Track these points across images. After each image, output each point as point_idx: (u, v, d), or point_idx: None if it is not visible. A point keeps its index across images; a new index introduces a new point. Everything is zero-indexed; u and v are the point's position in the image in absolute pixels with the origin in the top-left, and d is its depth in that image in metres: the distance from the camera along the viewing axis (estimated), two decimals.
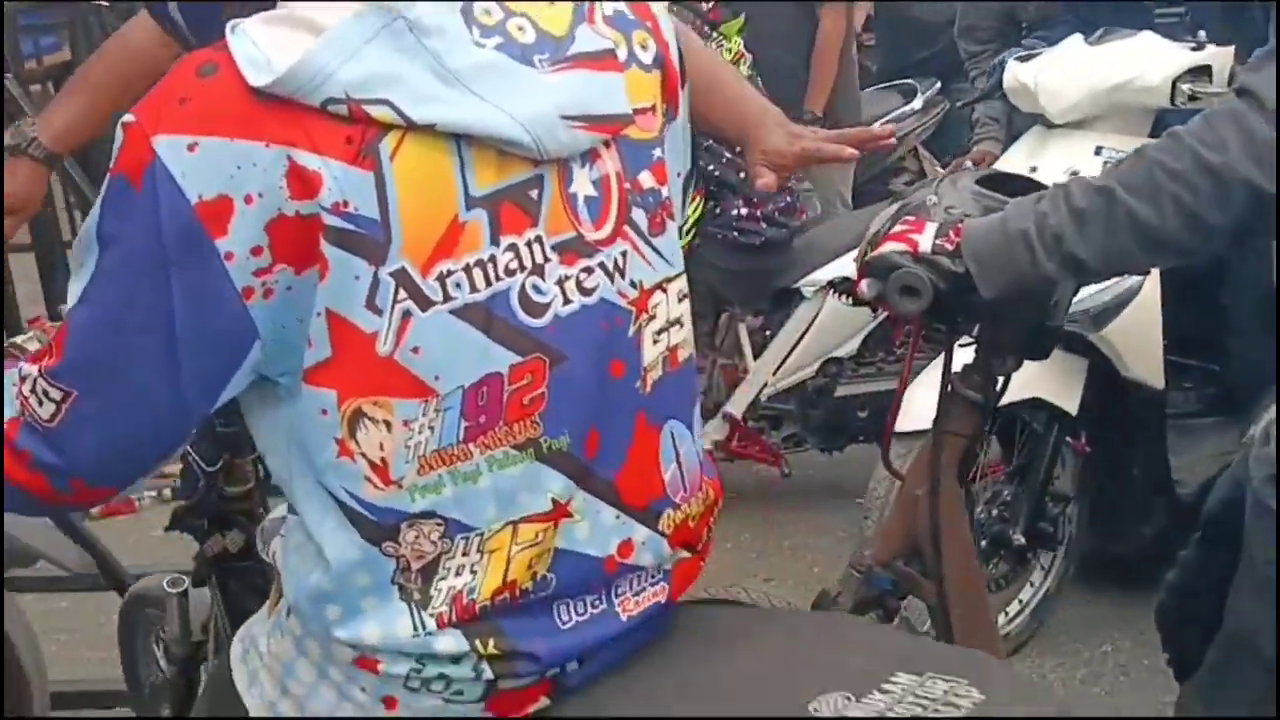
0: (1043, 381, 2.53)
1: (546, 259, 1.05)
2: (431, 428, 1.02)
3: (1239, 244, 1.57)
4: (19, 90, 2.85)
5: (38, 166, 1.78)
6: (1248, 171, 1.35)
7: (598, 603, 1.13)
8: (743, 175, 3.05)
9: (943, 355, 1.69)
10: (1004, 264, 1.45)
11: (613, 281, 1.09)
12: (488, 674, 1.08)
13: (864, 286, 1.55)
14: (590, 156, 1.06)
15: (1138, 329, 2.61)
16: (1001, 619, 2.68)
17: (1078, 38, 2.85)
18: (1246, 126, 1.37)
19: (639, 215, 1.11)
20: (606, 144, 1.08)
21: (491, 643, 1.07)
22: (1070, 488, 2.74)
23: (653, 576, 1.16)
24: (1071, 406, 2.58)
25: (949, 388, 1.66)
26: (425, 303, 1.00)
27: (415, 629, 1.06)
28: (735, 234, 3.11)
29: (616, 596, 1.14)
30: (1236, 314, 2.81)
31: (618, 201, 1.09)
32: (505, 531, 1.07)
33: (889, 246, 1.52)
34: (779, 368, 3.28)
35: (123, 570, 2.74)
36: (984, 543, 2.57)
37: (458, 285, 1.01)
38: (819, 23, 3.92)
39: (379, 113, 0.96)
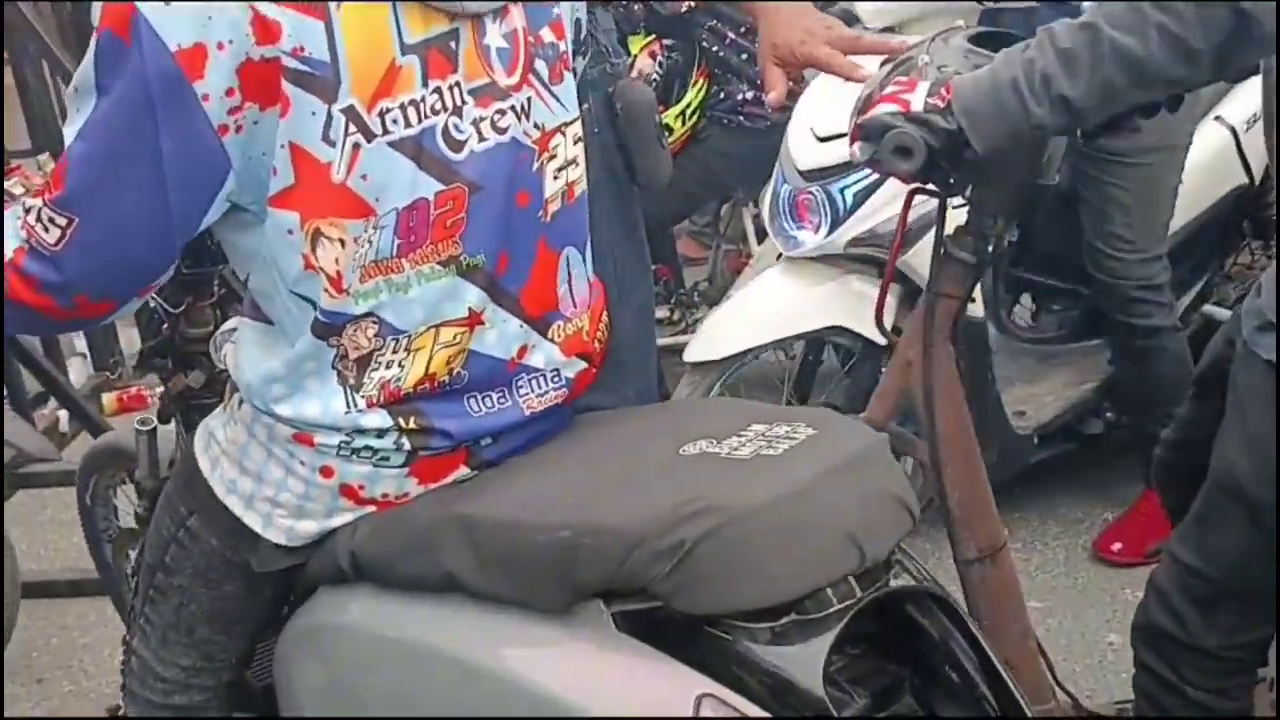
0: (848, 309, 2.49)
1: (464, 101, 1.24)
2: (371, 242, 1.22)
3: (1223, 68, 1.56)
4: None
5: None
6: None
7: (503, 400, 1.34)
8: (745, 57, 3.06)
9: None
10: (995, 114, 1.45)
11: (520, 122, 1.28)
12: (407, 446, 1.30)
13: (857, 150, 1.56)
14: (501, 13, 1.25)
15: None
16: None
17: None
18: None
19: (541, 66, 1.30)
20: (514, 1, 1.26)
21: (412, 420, 1.29)
22: None
23: (554, 381, 1.37)
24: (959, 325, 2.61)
25: (942, 250, 1.66)
26: (370, 135, 1.18)
27: (348, 407, 1.27)
28: (740, 118, 3.10)
29: (520, 395, 1.35)
30: (1092, 227, 2.66)
31: (524, 53, 1.28)
32: (429, 334, 1.28)
33: (881, 108, 1.52)
34: None
35: (102, 421, 2.93)
36: None
37: (394, 121, 1.19)
38: None
39: None
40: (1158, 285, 2.61)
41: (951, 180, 1.60)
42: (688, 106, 3.13)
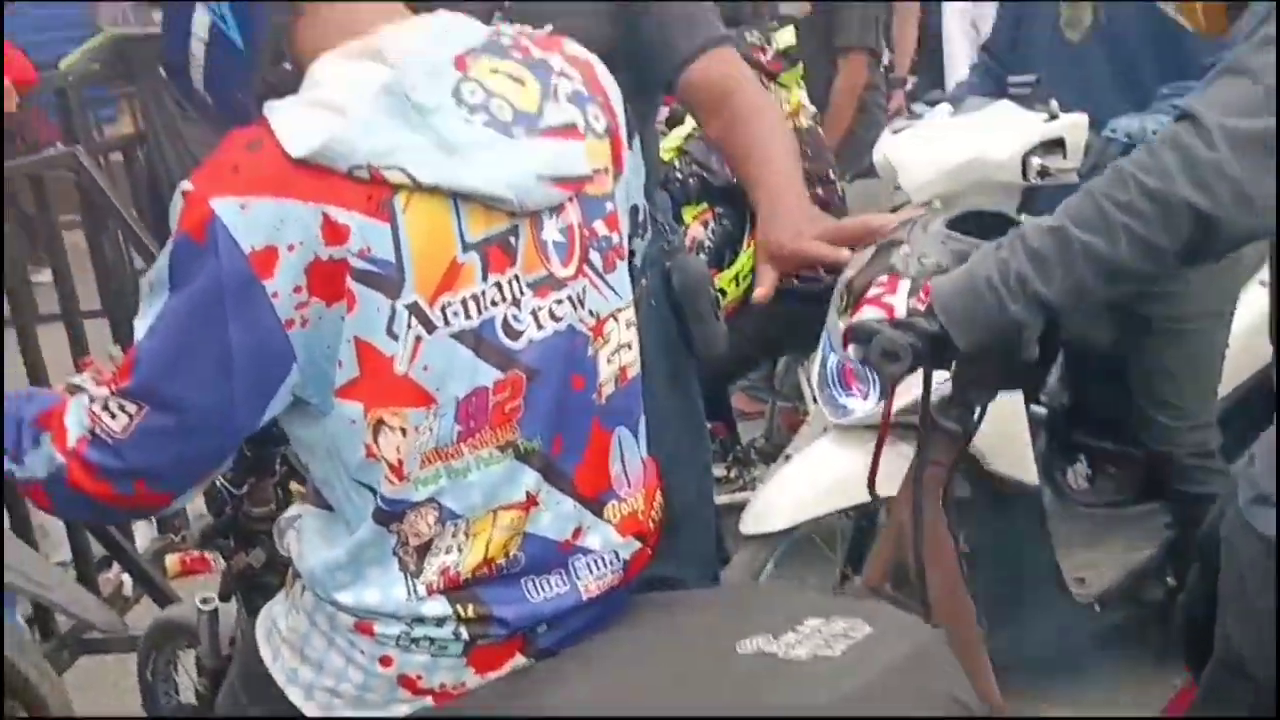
0: (899, 478, 2.56)
1: (523, 293, 1.29)
2: (431, 429, 1.26)
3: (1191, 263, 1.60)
4: (90, 161, 3.17)
5: None
6: (1190, 194, 1.38)
7: (560, 583, 1.36)
8: None
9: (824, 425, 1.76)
10: (974, 314, 1.51)
11: (575, 311, 1.33)
12: (465, 635, 1.31)
13: (850, 351, 1.63)
14: (558, 209, 1.31)
15: (997, 420, 2.35)
16: None
17: (944, 108, 2.75)
18: (1185, 149, 1.39)
19: (595, 257, 1.36)
20: (571, 198, 1.32)
21: (470, 608, 1.31)
22: None
23: (610, 564, 1.39)
24: (949, 492, 2.45)
25: (929, 419, 1.72)
26: (431, 328, 1.24)
27: (409, 594, 1.30)
28: (794, 279, 3.16)
29: (577, 577, 1.36)
30: (1142, 394, 2.68)
31: (579, 245, 1.34)
32: (487, 518, 1.31)
33: (866, 312, 1.60)
34: None
35: (165, 586, 2.97)
36: None
37: (455, 314, 1.25)
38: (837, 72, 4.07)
39: (393, 176, 1.21)
40: (1209, 452, 2.59)
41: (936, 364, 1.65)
42: (740, 270, 3.19)
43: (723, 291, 3.15)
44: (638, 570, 1.43)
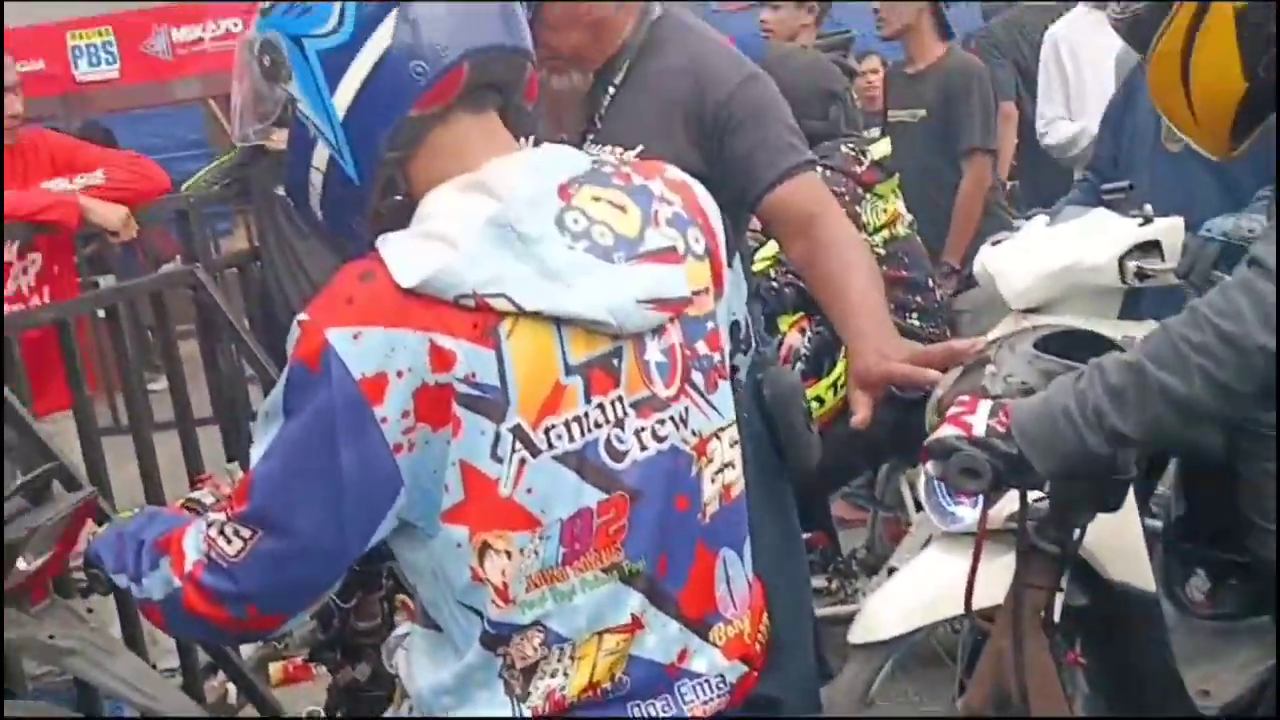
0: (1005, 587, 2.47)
1: (626, 414, 1.30)
2: (537, 552, 1.27)
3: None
4: (207, 278, 3.31)
5: None
6: (1263, 339, 1.41)
7: (666, 708, 1.34)
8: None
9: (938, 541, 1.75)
10: (1052, 443, 1.52)
11: (679, 431, 1.34)
12: None
13: (930, 467, 1.64)
14: (659, 331, 1.33)
15: (1113, 529, 2.30)
16: None
17: (1041, 219, 2.80)
18: (1257, 294, 1.43)
19: (698, 376, 1.36)
20: (672, 320, 1.34)
21: None
22: (1079, 706, 2.52)
23: (717, 688, 1.37)
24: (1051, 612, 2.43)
25: (1026, 542, 1.71)
26: (535, 451, 1.25)
27: (514, 718, 1.29)
28: (892, 388, 3.16)
29: (684, 702, 1.35)
30: (1250, 504, 2.61)
31: (681, 366, 1.35)
32: (592, 641, 1.30)
33: (946, 430, 1.60)
34: None
35: (269, 694, 3.00)
36: None
37: (559, 436, 1.26)
38: (962, 174, 4.08)
39: (498, 304, 1.24)
40: None
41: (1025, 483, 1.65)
42: (838, 378, 3.18)
43: (820, 400, 3.14)
44: (744, 694, 1.41)
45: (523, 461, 1.25)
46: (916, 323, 3.27)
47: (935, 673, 2.69)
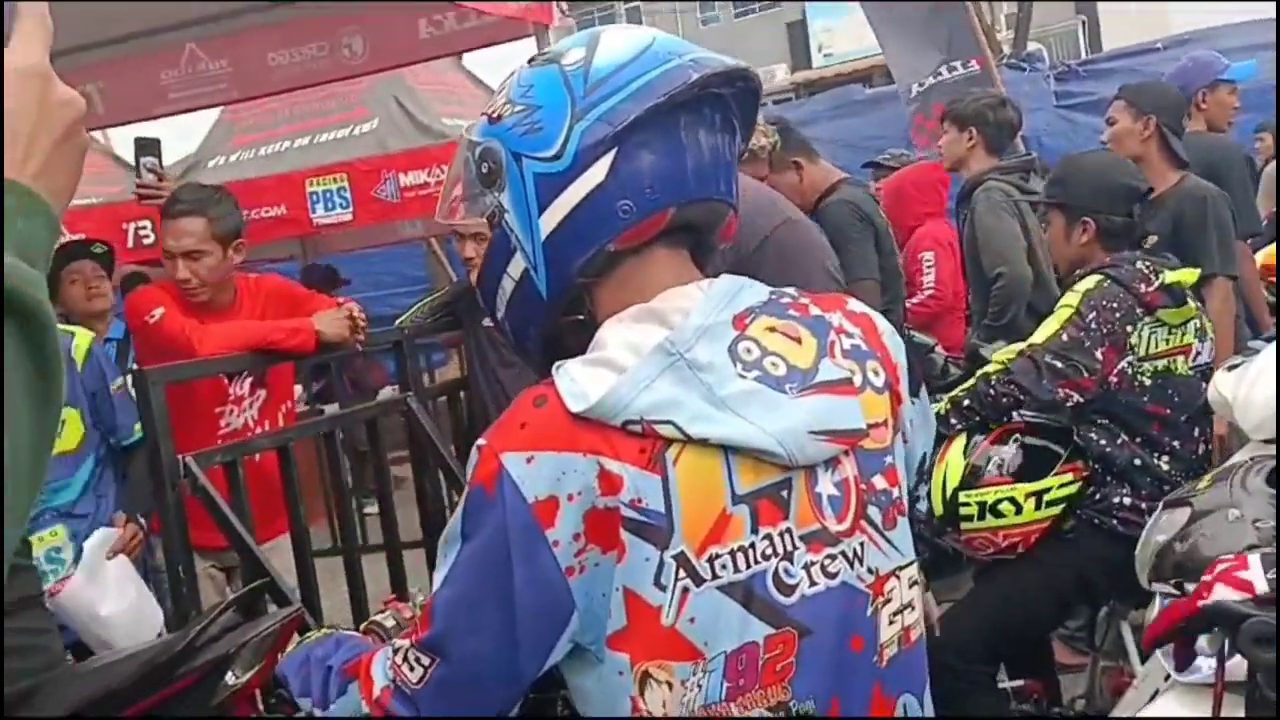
0: None
1: (795, 547, 1.26)
2: (700, 685, 1.23)
3: None
4: (420, 406, 3.44)
5: None
6: None
7: None
8: (1138, 463, 2.97)
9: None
10: None
11: (852, 567, 1.28)
12: None
13: (1203, 643, 1.51)
14: (833, 463, 1.29)
15: None
16: None
17: None
18: None
19: (874, 512, 1.31)
20: (846, 452, 1.30)
21: None
22: None
23: None
24: None
25: (1258, 691, 1.53)
26: (699, 580, 1.23)
27: None
28: (1115, 523, 2.94)
29: None
30: None
31: (856, 500, 1.30)
32: None
33: (1222, 592, 1.49)
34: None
35: None
36: None
37: (724, 566, 1.23)
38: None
39: (665, 430, 1.23)
40: None
41: None
42: (1045, 490, 3.01)
43: (1015, 504, 2.98)
44: None
45: (685, 590, 1.22)
46: (1165, 467, 3.05)
47: None
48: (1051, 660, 3.53)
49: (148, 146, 3.73)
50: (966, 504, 2.98)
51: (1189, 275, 3.02)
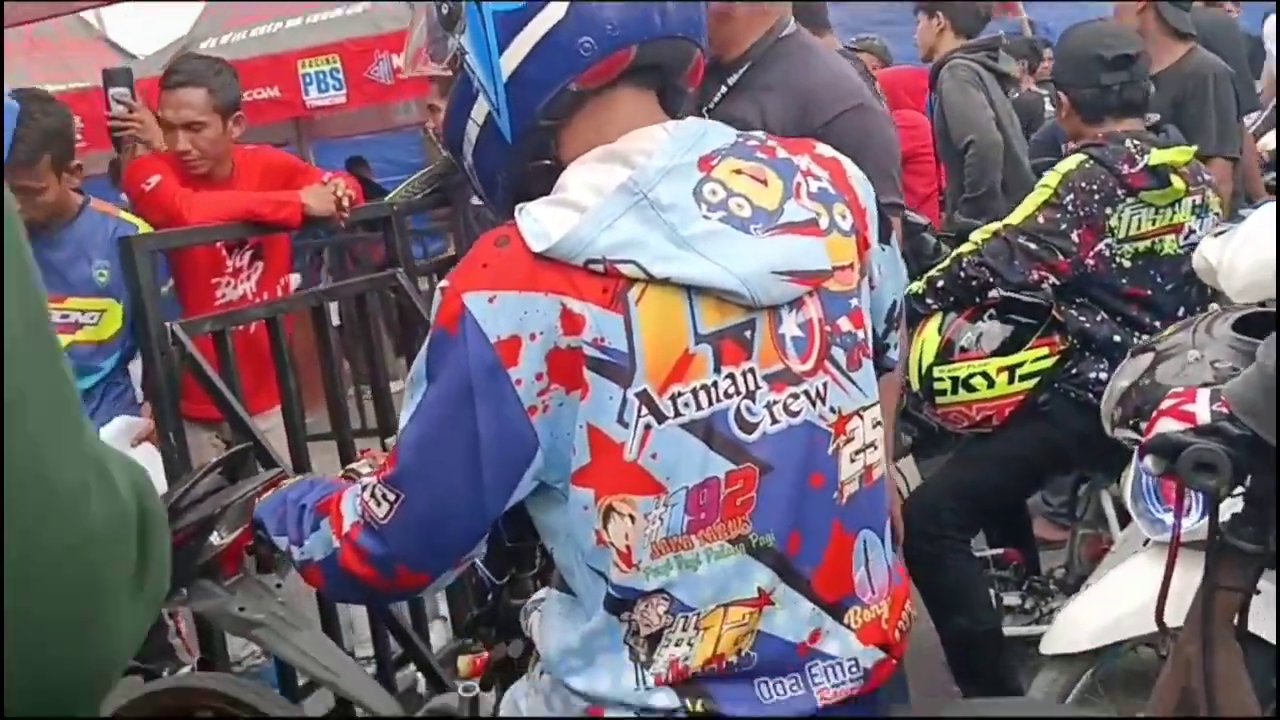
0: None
1: (758, 386, 1.27)
2: (661, 519, 1.26)
3: None
4: (409, 283, 3.45)
5: None
6: None
7: (795, 687, 1.30)
8: (1117, 339, 2.97)
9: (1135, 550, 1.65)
10: (1274, 403, 1.44)
11: (815, 407, 1.30)
12: None
13: (1149, 464, 1.55)
14: (797, 304, 1.30)
15: None
16: None
17: (1270, 206, 2.61)
18: None
19: (838, 353, 1.33)
20: (811, 294, 1.31)
21: (700, 703, 1.28)
22: None
23: (850, 672, 1.32)
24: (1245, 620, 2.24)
25: (1218, 539, 1.61)
26: (661, 418, 1.25)
27: (637, 684, 1.28)
28: (1090, 395, 2.94)
29: (814, 683, 1.31)
30: None
31: (820, 341, 1.31)
32: (718, 612, 1.28)
33: (1167, 424, 1.54)
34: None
35: (431, 656, 3.09)
36: None
37: (686, 404, 1.25)
38: None
39: (628, 270, 1.24)
40: None
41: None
42: (1018, 364, 3.03)
43: (988, 378, 3.00)
44: (881, 681, 1.36)
45: (648, 427, 1.24)
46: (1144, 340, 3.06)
47: (1138, 696, 2.50)
48: (1030, 530, 3.59)
49: (117, 77, 3.65)
50: (940, 379, 3.05)
51: (1180, 154, 2.97)
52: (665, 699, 1.27)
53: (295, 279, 3.98)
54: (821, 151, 1.41)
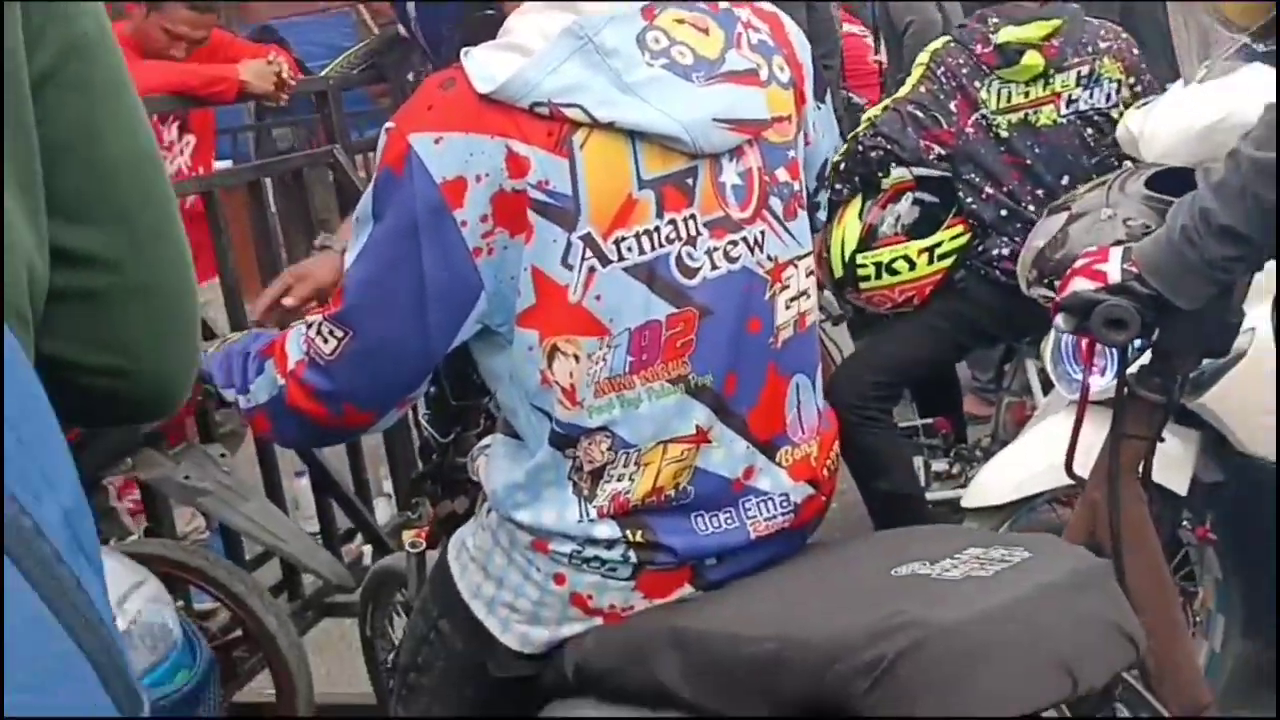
0: None
1: (699, 232, 1.31)
2: (605, 359, 1.30)
3: None
4: (346, 159, 3.41)
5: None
6: None
7: (730, 520, 1.37)
8: (1004, 214, 3.06)
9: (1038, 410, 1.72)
10: (1180, 267, 1.49)
11: (753, 254, 1.34)
12: (633, 559, 1.34)
13: (1060, 321, 1.60)
14: (737, 153, 1.33)
15: (1247, 395, 2.29)
16: None
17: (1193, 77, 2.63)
18: None
19: (776, 203, 1.37)
20: (750, 143, 1.34)
21: (639, 534, 1.34)
22: (1210, 591, 2.49)
23: (781, 506, 1.39)
24: (1179, 486, 2.29)
25: (1125, 390, 1.68)
26: (605, 260, 1.28)
27: (581, 516, 1.34)
28: (997, 273, 3.07)
29: (747, 516, 1.37)
30: None
31: (758, 190, 1.35)
32: (658, 449, 1.33)
33: (1080, 284, 1.56)
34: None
35: (378, 527, 3.15)
36: None
37: (629, 248, 1.29)
38: None
39: (572, 113, 1.26)
40: None
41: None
42: (936, 245, 3.12)
43: (909, 260, 3.09)
44: (810, 516, 1.43)
45: (592, 270, 1.27)
46: (1035, 215, 3.03)
47: None
48: (959, 400, 3.71)
49: None
50: (864, 265, 3.15)
51: (1038, 29, 3.00)
52: (607, 530, 1.33)
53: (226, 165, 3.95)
54: (762, 5, 1.43)
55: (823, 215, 1.60)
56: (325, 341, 1.33)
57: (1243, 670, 2.53)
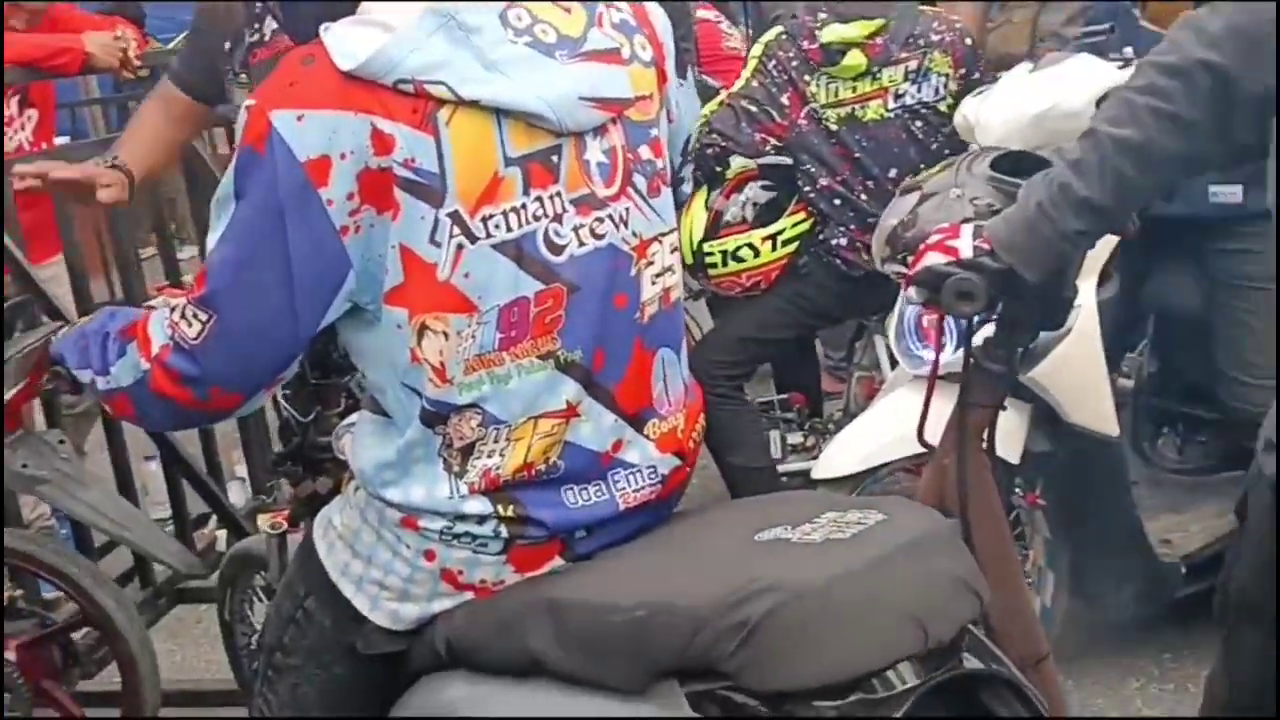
0: None
1: (565, 209, 1.33)
2: (474, 336, 1.31)
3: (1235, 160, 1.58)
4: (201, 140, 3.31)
5: (120, 174, 2.17)
6: (1202, 54, 1.45)
7: (599, 493, 1.39)
8: (839, 203, 3.15)
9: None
10: (1034, 241, 1.55)
11: (618, 230, 1.37)
12: (504, 533, 1.36)
13: (913, 293, 1.67)
14: (601, 131, 1.35)
15: (1074, 369, 2.43)
16: None
17: (1023, 66, 2.79)
18: (1195, 26, 1.48)
19: (640, 180, 1.39)
20: (614, 121, 1.36)
21: (510, 508, 1.35)
22: (1040, 551, 2.64)
23: (649, 478, 1.42)
24: (1013, 455, 2.40)
25: (971, 361, 1.74)
26: (472, 238, 1.28)
27: (451, 493, 1.35)
28: (838, 261, 3.18)
29: (616, 489, 1.40)
30: (1224, 354, 2.68)
31: (623, 168, 1.37)
32: (528, 424, 1.35)
33: (932, 258, 1.62)
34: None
35: (234, 511, 3.10)
36: None
37: (496, 226, 1.29)
38: None
39: (437, 90, 1.26)
40: None
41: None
42: (779, 232, 3.22)
43: (753, 249, 3.21)
44: (676, 486, 1.46)
45: (460, 247, 1.28)
46: (868, 204, 3.16)
47: None
48: (817, 375, 3.82)
49: None
50: (710, 253, 3.23)
51: (861, 29, 3.08)
52: (478, 505, 1.34)
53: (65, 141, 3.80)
54: None
55: (687, 188, 1.63)
56: (189, 325, 1.31)
57: (1073, 623, 2.70)
